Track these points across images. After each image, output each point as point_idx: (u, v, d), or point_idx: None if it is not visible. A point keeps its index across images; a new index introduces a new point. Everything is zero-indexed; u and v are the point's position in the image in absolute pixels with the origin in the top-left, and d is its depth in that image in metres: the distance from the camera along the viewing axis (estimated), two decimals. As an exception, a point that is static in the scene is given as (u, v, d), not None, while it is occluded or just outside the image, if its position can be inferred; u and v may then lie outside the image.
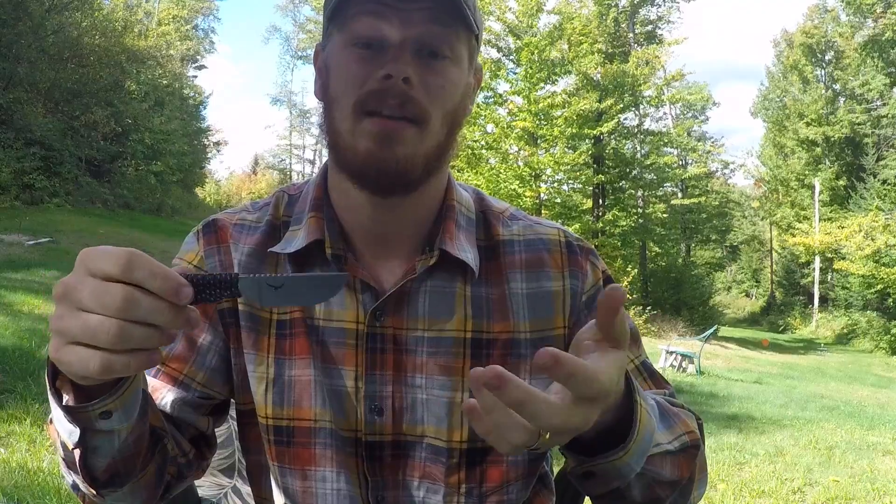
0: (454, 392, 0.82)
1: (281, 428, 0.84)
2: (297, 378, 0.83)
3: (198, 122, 32.22)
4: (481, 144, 19.17)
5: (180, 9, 33.60)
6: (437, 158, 0.79)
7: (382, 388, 0.82)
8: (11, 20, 18.25)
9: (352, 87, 0.75)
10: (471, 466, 0.83)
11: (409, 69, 0.73)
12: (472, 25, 0.77)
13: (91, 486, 0.69)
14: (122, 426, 0.65)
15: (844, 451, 5.48)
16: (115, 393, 0.61)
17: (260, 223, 0.88)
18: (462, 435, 0.82)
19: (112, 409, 0.62)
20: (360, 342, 0.82)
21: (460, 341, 0.83)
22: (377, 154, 0.74)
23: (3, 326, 5.58)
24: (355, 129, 0.75)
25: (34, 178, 17.54)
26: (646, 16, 25.34)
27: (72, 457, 0.67)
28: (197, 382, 0.84)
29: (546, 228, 0.90)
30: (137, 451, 0.70)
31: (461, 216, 0.87)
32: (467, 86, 0.82)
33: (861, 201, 26.92)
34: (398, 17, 0.74)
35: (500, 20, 19.90)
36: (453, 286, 0.83)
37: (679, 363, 11.43)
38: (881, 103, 29.14)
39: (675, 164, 25.78)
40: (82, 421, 0.62)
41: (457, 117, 0.80)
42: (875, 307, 24.08)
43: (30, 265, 9.58)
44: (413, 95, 0.74)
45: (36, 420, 3.59)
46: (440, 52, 0.76)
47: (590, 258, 0.89)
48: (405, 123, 0.74)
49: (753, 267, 44.16)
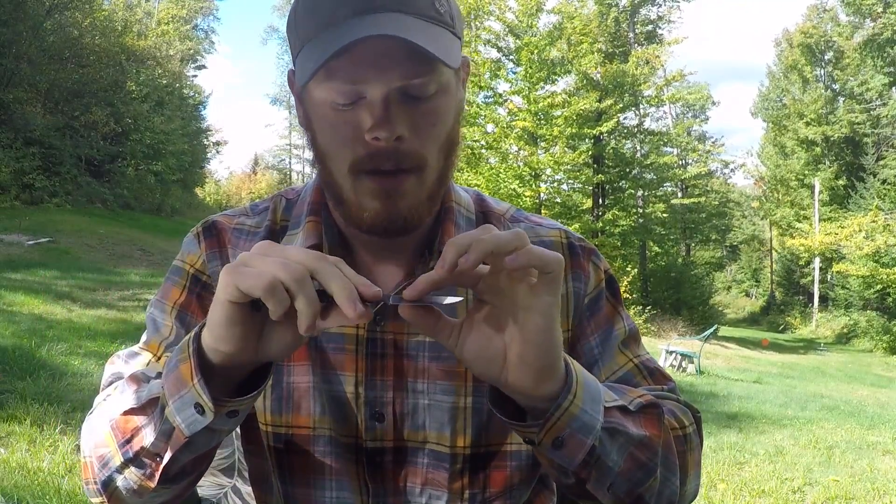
0: (457, 397, 0.81)
1: (280, 435, 0.83)
2: (295, 384, 0.82)
3: (198, 122, 32.24)
4: (481, 144, 19.17)
5: (180, 9, 33.60)
6: (441, 185, 0.79)
7: (383, 393, 0.81)
8: (12, 20, 18.25)
9: (343, 148, 0.74)
10: (474, 472, 0.83)
11: (397, 127, 0.71)
12: (455, 43, 0.74)
13: (158, 480, 0.69)
14: (230, 428, 0.67)
15: (844, 450, 5.48)
16: (253, 397, 0.65)
17: (259, 228, 0.88)
18: (465, 440, 0.81)
19: (241, 411, 0.66)
20: (360, 347, 0.81)
21: None
22: (383, 213, 0.75)
23: (3, 326, 5.58)
24: (356, 187, 0.74)
25: (34, 178, 17.55)
26: (646, 15, 25.35)
27: (161, 448, 0.67)
28: None
29: (547, 230, 0.90)
30: (210, 453, 0.72)
31: (460, 217, 0.86)
32: (459, 101, 0.79)
33: (861, 201, 26.94)
34: (376, 70, 0.70)
35: (500, 20, 19.88)
36: (453, 289, 0.82)
37: (679, 363, 11.44)
38: (881, 103, 29.15)
39: (674, 163, 25.80)
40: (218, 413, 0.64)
41: (453, 140, 0.78)
42: (875, 307, 24.10)
43: (29, 265, 9.58)
44: (406, 148, 0.72)
45: (36, 420, 3.58)
46: (425, 93, 0.72)
47: (591, 258, 0.89)
48: (403, 176, 0.74)
49: (753, 267, 44.18)
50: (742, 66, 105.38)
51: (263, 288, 0.56)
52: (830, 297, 29.64)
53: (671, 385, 0.89)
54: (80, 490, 2.71)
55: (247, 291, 0.57)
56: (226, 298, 0.59)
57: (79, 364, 4.84)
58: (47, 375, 4.37)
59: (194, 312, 0.85)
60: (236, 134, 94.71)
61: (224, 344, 0.61)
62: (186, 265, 0.88)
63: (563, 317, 0.85)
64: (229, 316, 0.60)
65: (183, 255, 0.89)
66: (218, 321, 0.60)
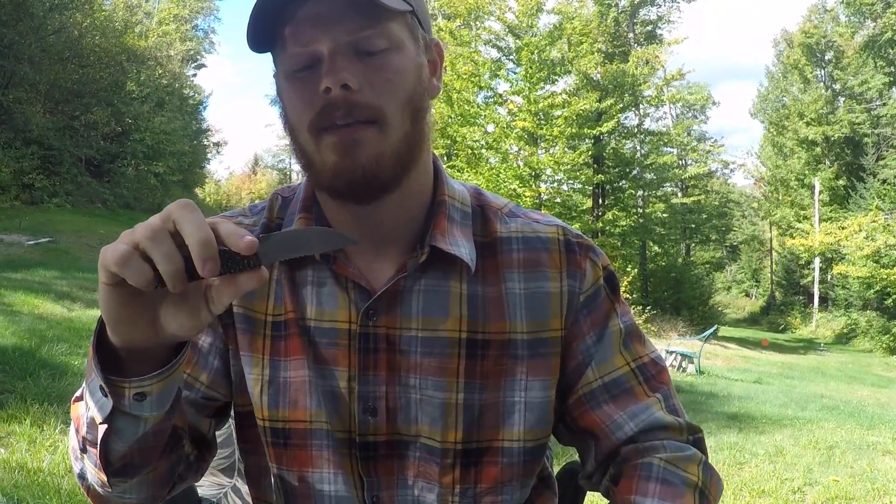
0: (448, 392, 0.81)
1: (277, 430, 0.84)
2: (291, 379, 0.83)
3: (198, 122, 32.24)
4: (481, 144, 19.17)
5: (181, 9, 33.59)
6: (409, 150, 0.77)
7: (376, 388, 0.82)
8: (12, 20, 18.25)
9: (304, 114, 0.74)
10: (465, 467, 0.83)
11: (344, 75, 0.71)
12: (401, 3, 0.74)
13: (104, 470, 0.70)
14: (150, 415, 0.66)
15: (844, 450, 5.48)
16: (157, 377, 0.63)
17: (256, 227, 0.88)
18: (457, 435, 0.82)
19: (148, 393, 0.64)
20: (353, 342, 0.82)
21: (455, 341, 0.82)
22: (340, 165, 0.73)
23: (3, 326, 5.58)
24: (319, 147, 0.74)
25: (34, 178, 17.55)
26: (646, 16, 25.34)
27: (93, 436, 0.67)
28: (200, 383, 0.84)
29: (545, 227, 0.88)
30: (156, 445, 0.71)
31: (454, 210, 0.85)
32: (418, 66, 0.78)
33: (861, 201, 26.93)
34: (322, 28, 0.72)
35: (500, 20, 19.88)
36: (447, 284, 0.82)
37: (679, 363, 11.44)
38: (881, 103, 29.16)
39: (674, 163, 25.78)
40: (117, 396, 0.63)
41: (417, 102, 0.77)
42: (875, 307, 24.10)
43: (29, 265, 9.58)
44: (358, 99, 0.72)
45: (36, 420, 3.58)
46: (375, 46, 0.73)
47: (589, 255, 0.87)
48: (359, 127, 0.73)
49: (753, 267, 44.17)
50: (742, 66, 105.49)
51: (116, 261, 0.54)
52: (830, 297, 29.64)
53: (664, 391, 0.88)
54: (79, 490, 2.71)
55: (107, 268, 0.55)
56: (101, 282, 0.57)
57: (79, 364, 4.83)
58: (47, 375, 4.37)
59: None
60: (236, 134, 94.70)
61: (116, 328, 0.60)
62: None
63: (558, 315, 0.84)
64: (110, 299, 0.58)
65: None
66: (103, 306, 0.59)
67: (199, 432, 0.85)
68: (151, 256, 0.54)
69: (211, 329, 0.85)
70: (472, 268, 0.82)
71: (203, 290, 0.59)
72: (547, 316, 0.84)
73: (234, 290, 0.57)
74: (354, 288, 0.82)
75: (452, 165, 19.38)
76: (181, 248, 0.55)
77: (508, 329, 0.83)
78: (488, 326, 0.83)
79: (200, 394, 0.84)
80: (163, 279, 0.55)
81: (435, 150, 3.29)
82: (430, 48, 0.82)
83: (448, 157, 20.14)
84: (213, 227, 0.55)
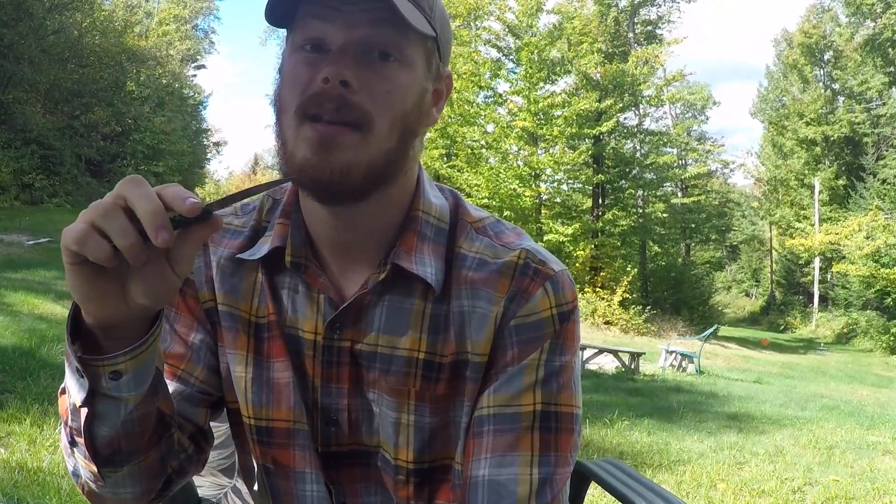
0: (400, 413, 0.80)
1: (262, 428, 0.84)
2: (275, 379, 0.83)
3: (197, 122, 32.25)
4: (481, 144, 19.18)
5: (181, 9, 33.59)
6: (386, 166, 0.74)
7: (338, 400, 0.82)
8: (13, 20, 18.24)
9: (296, 92, 0.72)
10: (418, 485, 0.83)
11: (347, 72, 0.70)
12: (427, 26, 0.73)
13: (92, 459, 0.69)
14: (129, 394, 0.66)
15: (844, 450, 5.48)
16: (129, 353, 0.64)
17: (245, 228, 0.87)
18: (408, 455, 0.81)
19: (122, 371, 0.64)
20: (317, 354, 0.82)
21: (413, 361, 0.80)
22: (311, 162, 0.71)
23: (3, 326, 5.57)
24: (297, 135, 0.72)
25: (34, 178, 17.55)
26: (646, 16, 25.32)
27: (77, 423, 0.68)
28: (195, 377, 0.85)
29: (507, 251, 0.81)
30: (143, 429, 0.71)
31: (427, 227, 0.81)
32: (422, 91, 0.77)
33: (861, 201, 26.93)
34: (342, 20, 0.71)
35: (499, 20, 19.89)
36: (411, 302, 0.80)
37: (679, 363, 11.45)
38: (880, 102, 29.15)
39: (674, 163, 25.79)
40: (93, 377, 0.64)
41: (409, 124, 0.75)
42: (875, 306, 24.10)
43: (29, 265, 9.58)
44: (352, 99, 0.70)
45: (36, 420, 3.58)
46: (389, 53, 0.72)
47: (545, 283, 0.79)
48: (344, 129, 0.70)
49: (753, 266, 44.17)
50: (742, 66, 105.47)
51: (74, 240, 0.56)
52: (830, 296, 29.64)
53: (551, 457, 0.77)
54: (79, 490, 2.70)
55: (68, 248, 0.57)
56: (65, 262, 0.59)
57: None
58: (47, 375, 4.37)
59: (178, 308, 0.86)
60: (236, 134, 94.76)
61: (87, 306, 0.61)
62: None
63: (487, 340, 0.79)
64: (76, 278, 0.59)
65: None
66: (71, 287, 0.60)
67: (196, 426, 0.85)
68: (106, 233, 0.56)
69: (200, 326, 0.86)
70: (437, 289, 0.79)
71: (164, 256, 0.59)
72: (481, 338, 0.79)
73: (191, 245, 0.59)
74: (325, 299, 0.81)
75: (452, 165, 19.39)
76: (134, 220, 0.56)
77: (455, 349, 0.80)
78: (445, 348, 0.80)
79: (196, 388, 0.84)
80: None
81: (435, 149, 3.33)
82: (440, 78, 0.81)
83: (448, 157, 20.14)
84: (160, 195, 0.56)
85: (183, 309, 0.86)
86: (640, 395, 7.82)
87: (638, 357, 10.39)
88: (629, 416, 6.04)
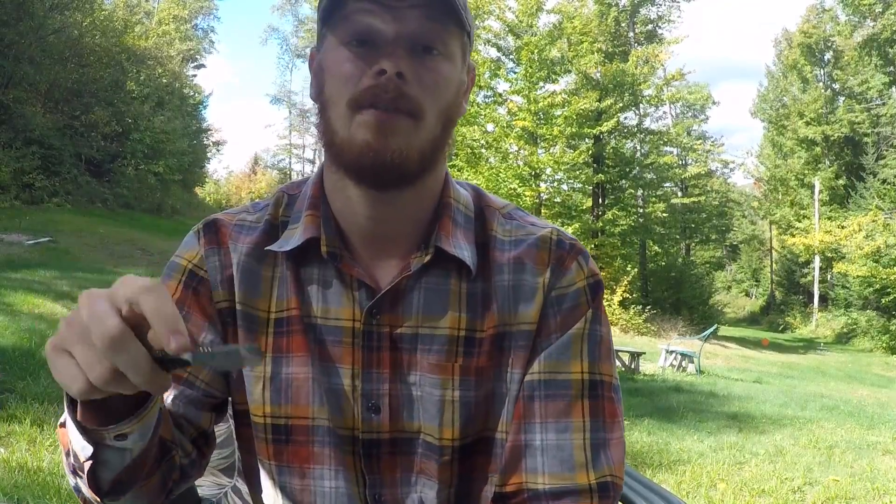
0: (444, 390, 0.82)
1: (279, 426, 0.84)
2: (294, 376, 0.83)
3: (197, 122, 32.21)
4: (481, 144, 19.17)
5: (181, 9, 33.60)
6: (433, 153, 0.79)
7: (379, 385, 0.83)
8: (13, 20, 18.24)
9: (346, 86, 0.76)
10: (462, 461, 0.84)
11: (402, 64, 0.74)
12: (465, 23, 0.78)
13: (95, 493, 0.71)
14: (135, 445, 0.68)
15: (844, 450, 5.48)
16: (134, 419, 0.64)
17: (259, 223, 0.88)
18: (454, 433, 0.82)
19: (128, 433, 0.65)
20: (357, 340, 0.82)
21: (454, 339, 0.83)
22: (373, 144, 0.74)
23: (3, 326, 5.57)
24: (351, 123, 0.75)
25: (34, 178, 17.54)
26: (646, 15, 25.33)
27: (80, 464, 0.69)
28: (200, 380, 0.84)
29: (539, 228, 0.88)
30: (144, 463, 0.72)
31: (459, 213, 0.86)
32: (460, 83, 0.82)
33: (861, 201, 26.94)
34: (391, 15, 0.75)
35: (499, 19, 19.88)
36: (448, 283, 0.84)
37: (679, 362, 11.45)
38: (880, 102, 29.15)
39: (674, 163, 25.79)
40: (96, 441, 0.65)
41: (451, 114, 0.80)
42: (874, 306, 24.10)
43: (30, 265, 9.57)
44: (407, 90, 0.74)
45: (36, 420, 3.58)
46: (434, 47, 0.77)
47: (577, 258, 0.86)
48: (400, 115, 0.75)
49: (753, 266, 44.18)
50: (742, 66, 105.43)
51: (83, 391, 0.55)
52: (830, 296, 29.64)
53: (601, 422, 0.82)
54: (80, 490, 2.70)
55: (75, 396, 0.57)
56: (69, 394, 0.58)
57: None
58: (47, 375, 4.37)
59: (190, 307, 0.85)
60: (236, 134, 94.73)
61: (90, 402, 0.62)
62: (184, 261, 0.88)
63: (536, 309, 0.84)
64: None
65: (181, 252, 0.89)
66: (59, 383, 0.57)
67: (200, 429, 0.85)
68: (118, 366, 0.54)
69: (211, 327, 0.85)
70: (473, 271, 0.83)
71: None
72: (529, 308, 0.84)
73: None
74: (359, 287, 0.83)
75: (453, 165, 19.38)
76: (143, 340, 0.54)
77: (497, 322, 0.83)
78: (484, 324, 0.83)
79: (201, 392, 0.84)
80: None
81: (435, 149, 3.19)
82: (469, 71, 0.86)
83: (448, 157, 20.13)
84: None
85: (195, 309, 0.85)
86: (640, 394, 7.82)
87: (638, 357, 10.40)
88: (629, 415, 6.03)
